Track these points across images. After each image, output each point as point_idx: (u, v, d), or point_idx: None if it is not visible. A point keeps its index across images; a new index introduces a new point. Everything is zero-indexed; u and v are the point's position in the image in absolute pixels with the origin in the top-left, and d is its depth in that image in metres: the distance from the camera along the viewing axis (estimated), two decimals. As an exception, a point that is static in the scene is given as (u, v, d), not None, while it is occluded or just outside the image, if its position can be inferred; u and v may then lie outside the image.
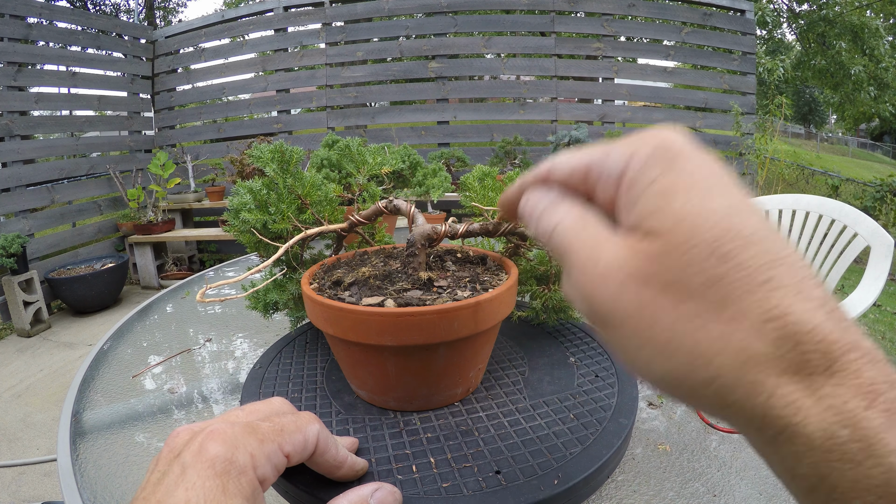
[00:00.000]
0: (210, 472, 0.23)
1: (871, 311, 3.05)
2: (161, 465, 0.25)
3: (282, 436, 0.27)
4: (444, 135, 3.77)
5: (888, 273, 1.25)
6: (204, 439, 0.25)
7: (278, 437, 0.27)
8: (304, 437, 0.29)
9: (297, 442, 0.28)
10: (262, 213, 0.47)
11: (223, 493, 0.23)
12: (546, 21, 3.65)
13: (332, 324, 0.37)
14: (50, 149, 3.40)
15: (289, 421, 0.29)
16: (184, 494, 0.22)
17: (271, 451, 0.26)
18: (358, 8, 3.74)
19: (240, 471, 0.24)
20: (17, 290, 2.74)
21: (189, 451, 0.24)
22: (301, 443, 0.28)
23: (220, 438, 0.25)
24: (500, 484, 0.33)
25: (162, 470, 0.24)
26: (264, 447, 0.26)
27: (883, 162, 18.33)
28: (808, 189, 7.01)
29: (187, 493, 0.22)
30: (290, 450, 0.27)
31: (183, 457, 0.24)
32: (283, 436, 0.27)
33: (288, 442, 0.27)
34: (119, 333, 0.73)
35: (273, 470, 0.26)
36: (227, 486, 0.23)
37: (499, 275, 0.44)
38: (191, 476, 0.23)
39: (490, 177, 0.52)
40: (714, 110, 3.68)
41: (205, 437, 0.25)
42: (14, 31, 3.06)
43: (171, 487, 0.23)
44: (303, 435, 0.28)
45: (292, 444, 0.28)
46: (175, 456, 0.24)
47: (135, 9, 10.92)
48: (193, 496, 0.22)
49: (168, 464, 0.24)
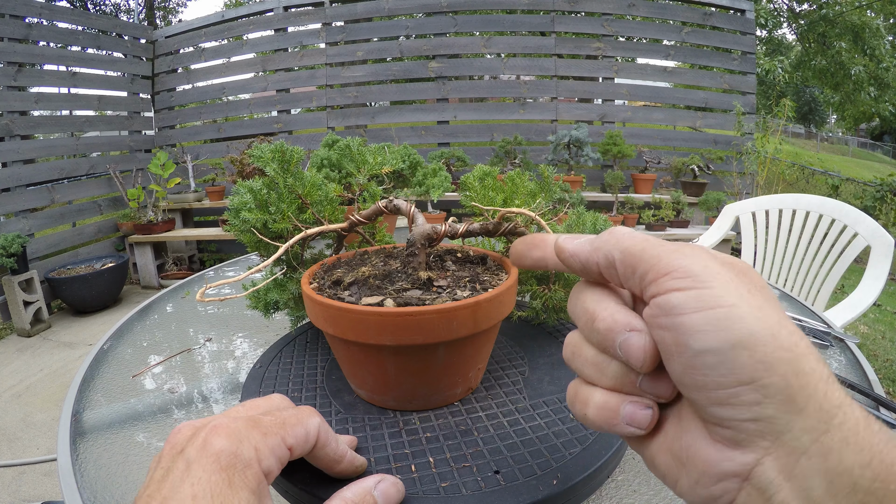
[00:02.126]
0: (215, 466, 0.23)
1: (871, 310, 3.05)
2: (164, 462, 0.24)
3: (284, 429, 0.27)
4: (445, 134, 3.77)
5: (888, 273, 1.25)
6: (208, 434, 0.25)
7: (281, 430, 0.27)
8: (306, 429, 0.29)
9: (299, 435, 0.28)
10: (263, 213, 0.48)
11: (229, 486, 0.23)
12: (546, 21, 3.64)
13: (332, 323, 0.37)
14: (50, 149, 3.40)
15: (290, 414, 0.29)
16: (190, 490, 0.22)
17: (275, 443, 0.26)
18: (358, 8, 3.74)
19: (245, 464, 0.24)
20: (17, 289, 2.74)
21: (193, 447, 0.24)
22: (303, 435, 0.28)
23: (224, 433, 0.25)
24: (499, 484, 0.33)
25: (166, 466, 0.24)
26: (268, 440, 0.26)
27: (883, 161, 18.33)
28: (808, 189, 7.01)
29: (193, 487, 0.22)
30: (292, 442, 0.27)
31: (187, 452, 0.24)
32: (286, 429, 0.28)
33: (290, 434, 0.28)
34: (119, 333, 0.73)
35: (277, 462, 0.26)
36: (233, 479, 0.23)
37: (499, 274, 0.44)
38: (196, 471, 0.23)
39: (490, 176, 0.52)
40: (714, 110, 3.68)
41: (208, 431, 0.25)
42: (14, 31, 3.06)
43: (177, 483, 0.22)
44: (304, 428, 0.29)
45: (295, 437, 0.28)
46: (178, 452, 0.24)
47: (135, 9, 10.92)
48: (200, 491, 0.22)
49: (171, 460, 0.24)
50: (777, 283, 1.53)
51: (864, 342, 2.60)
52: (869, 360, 2.03)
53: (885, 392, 1.22)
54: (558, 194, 0.54)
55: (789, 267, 1.53)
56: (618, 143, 3.24)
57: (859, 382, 0.54)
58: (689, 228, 3.05)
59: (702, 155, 3.44)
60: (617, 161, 3.36)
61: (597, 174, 3.67)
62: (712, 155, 3.42)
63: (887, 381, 2.20)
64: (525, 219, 0.48)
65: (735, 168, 3.50)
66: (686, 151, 3.66)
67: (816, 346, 0.63)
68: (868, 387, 0.53)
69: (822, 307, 1.38)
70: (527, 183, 0.50)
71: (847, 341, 0.64)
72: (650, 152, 3.51)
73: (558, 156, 3.23)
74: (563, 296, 0.52)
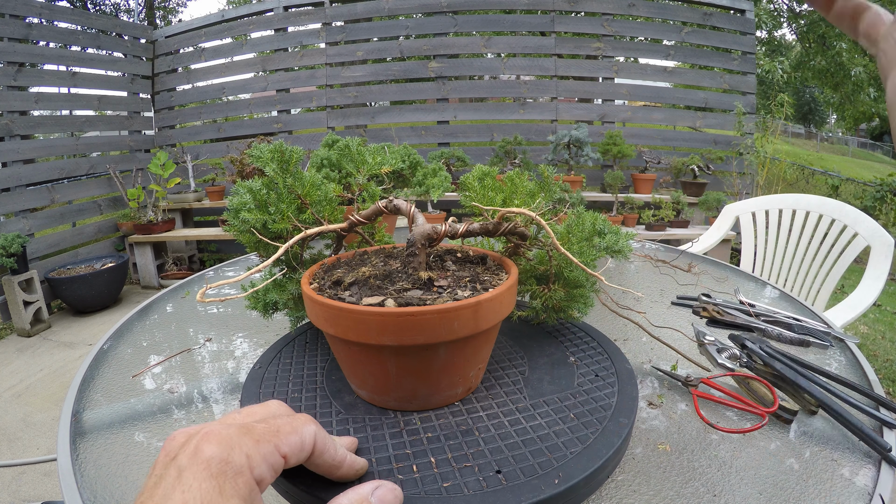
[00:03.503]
0: (206, 473, 0.23)
1: (871, 311, 3.05)
2: (157, 469, 0.24)
3: (278, 437, 0.27)
4: (444, 134, 3.77)
5: (888, 273, 1.25)
6: (199, 441, 0.24)
7: (274, 438, 0.27)
8: (301, 438, 0.29)
9: (293, 443, 0.28)
10: (262, 213, 0.47)
11: (220, 494, 0.23)
12: (546, 21, 3.64)
13: (333, 324, 0.37)
14: (50, 149, 3.40)
15: (284, 422, 0.29)
16: (181, 497, 0.22)
17: (267, 451, 0.26)
18: (358, 8, 3.74)
19: (236, 471, 0.24)
20: (17, 289, 2.74)
21: (185, 454, 0.24)
22: (297, 444, 0.28)
23: (216, 440, 0.25)
24: (501, 483, 0.33)
25: (158, 474, 0.24)
26: (260, 448, 0.26)
27: (883, 162, 18.32)
28: (808, 189, 7.01)
29: (184, 495, 0.22)
30: (286, 450, 0.27)
31: (179, 460, 0.24)
32: (280, 437, 0.27)
33: (284, 443, 0.27)
34: (119, 333, 0.73)
35: (270, 471, 0.26)
36: (224, 487, 0.23)
37: (499, 274, 0.44)
38: (187, 478, 0.23)
39: (490, 176, 0.52)
40: (714, 110, 3.68)
41: (200, 438, 0.25)
42: (14, 31, 3.06)
43: (168, 491, 0.22)
44: (299, 436, 0.28)
45: (289, 445, 0.28)
46: (171, 459, 0.24)
47: (135, 9, 10.92)
48: (190, 498, 0.22)
49: (164, 467, 0.24)
50: (777, 283, 1.52)
51: (864, 342, 2.60)
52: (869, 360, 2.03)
53: (885, 392, 1.22)
54: (558, 194, 0.54)
55: (789, 267, 1.53)
56: (618, 143, 3.24)
57: (859, 382, 0.54)
58: (689, 228, 3.05)
59: (702, 155, 3.44)
60: (617, 161, 3.36)
61: (597, 174, 3.67)
62: (712, 155, 3.42)
63: (887, 382, 2.20)
64: (525, 219, 0.48)
65: (735, 168, 3.50)
66: (686, 151, 3.66)
67: (816, 346, 0.63)
68: (868, 387, 0.53)
69: (822, 307, 1.38)
70: (526, 183, 0.50)
71: (847, 341, 0.64)
72: (650, 152, 3.51)
73: (558, 156, 3.23)
74: (563, 295, 0.52)
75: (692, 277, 0.93)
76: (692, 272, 0.96)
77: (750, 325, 0.67)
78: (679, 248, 1.15)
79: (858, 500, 0.38)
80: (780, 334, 0.65)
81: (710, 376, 0.53)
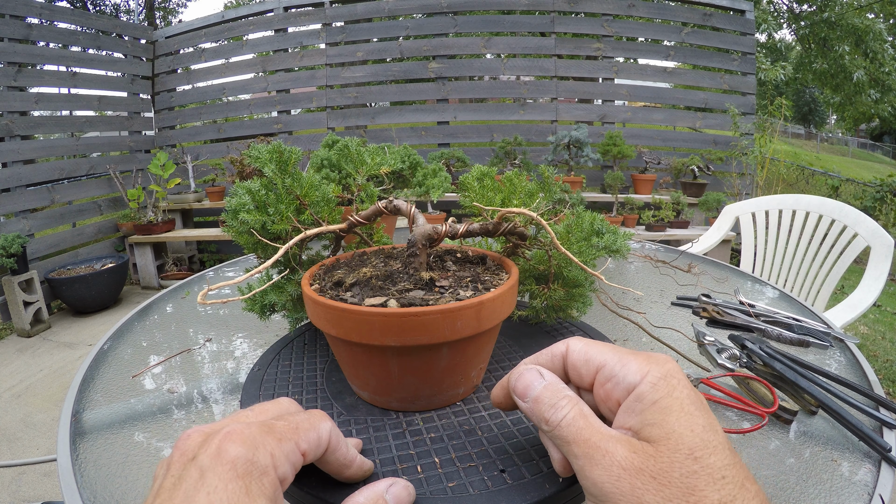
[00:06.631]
0: (231, 474, 0.22)
1: (871, 311, 3.05)
2: (174, 469, 0.24)
3: (297, 434, 0.27)
4: (444, 135, 3.77)
5: (888, 273, 1.25)
6: (222, 440, 0.24)
7: (294, 436, 0.27)
8: (318, 434, 0.28)
9: (311, 439, 0.28)
10: (261, 214, 0.47)
11: (247, 495, 0.22)
12: (546, 21, 3.65)
13: (335, 325, 0.37)
14: (50, 149, 3.40)
15: (303, 419, 0.28)
16: (206, 499, 0.21)
17: (289, 449, 0.26)
18: (358, 8, 3.74)
19: (262, 471, 0.23)
20: (17, 290, 2.74)
21: (206, 454, 0.23)
22: (315, 440, 0.28)
23: (239, 439, 0.24)
24: (506, 483, 0.33)
25: (176, 474, 0.23)
26: (283, 446, 0.25)
27: (883, 162, 18.35)
28: (808, 189, 7.01)
29: (209, 496, 0.21)
30: (305, 447, 0.27)
31: (200, 460, 0.23)
32: (299, 433, 0.27)
33: (304, 440, 0.27)
34: (119, 333, 0.73)
35: (292, 469, 0.26)
36: (251, 487, 0.22)
37: (499, 274, 0.44)
38: (211, 479, 0.22)
39: (489, 177, 0.52)
40: (714, 110, 3.68)
41: (222, 438, 0.24)
42: (14, 31, 3.06)
43: (191, 492, 0.22)
44: (317, 432, 0.28)
45: (308, 442, 0.27)
46: (190, 459, 0.24)
47: (135, 9, 10.93)
48: (216, 500, 0.21)
49: (183, 467, 0.23)
50: (777, 283, 1.53)
51: (864, 343, 2.60)
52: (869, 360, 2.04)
53: (885, 392, 1.22)
54: (558, 195, 0.54)
55: (789, 267, 1.53)
56: (618, 144, 3.24)
57: (859, 383, 0.54)
58: (688, 229, 3.05)
59: (702, 155, 3.44)
60: (617, 161, 3.36)
61: (597, 175, 3.67)
62: (712, 155, 3.43)
63: (887, 382, 2.20)
64: (524, 219, 0.48)
65: (735, 169, 3.50)
66: (686, 152, 3.66)
67: (816, 346, 0.63)
68: (868, 387, 0.53)
69: (821, 307, 1.38)
70: (525, 183, 0.50)
71: (847, 342, 0.64)
72: (650, 153, 3.51)
73: (558, 156, 3.23)
74: (563, 295, 0.52)
75: (692, 278, 0.93)
76: (692, 272, 0.96)
77: (750, 326, 0.67)
78: (679, 249, 1.15)
79: (858, 501, 0.38)
80: (780, 335, 0.65)
81: (709, 377, 0.53)
